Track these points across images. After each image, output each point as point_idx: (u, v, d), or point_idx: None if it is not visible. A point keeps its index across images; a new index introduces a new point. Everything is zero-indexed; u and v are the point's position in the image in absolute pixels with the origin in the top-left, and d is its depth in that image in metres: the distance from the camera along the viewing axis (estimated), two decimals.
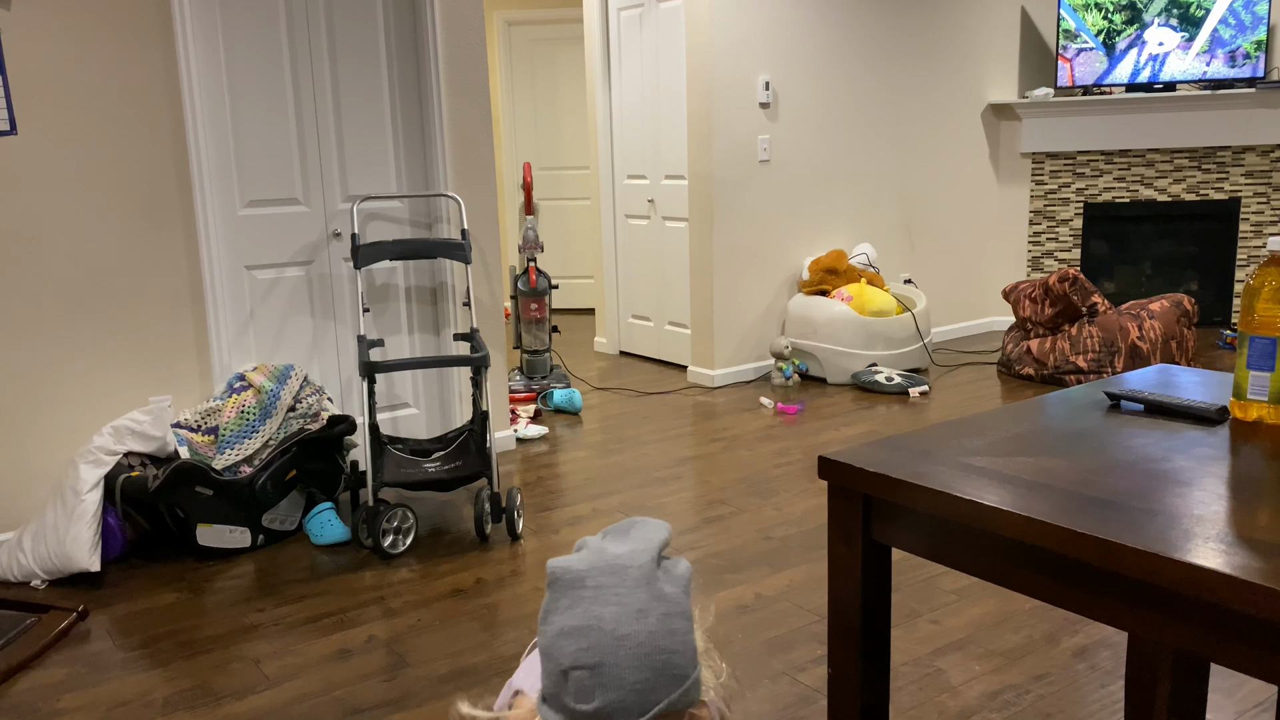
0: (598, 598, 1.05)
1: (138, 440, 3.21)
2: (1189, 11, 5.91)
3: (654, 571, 1.08)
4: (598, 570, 1.06)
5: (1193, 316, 5.11)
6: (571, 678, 1.03)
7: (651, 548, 1.09)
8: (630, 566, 1.07)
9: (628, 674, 1.02)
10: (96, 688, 2.49)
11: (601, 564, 1.07)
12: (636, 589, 1.05)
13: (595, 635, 1.03)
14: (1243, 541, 1.05)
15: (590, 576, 1.06)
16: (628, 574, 1.06)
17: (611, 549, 1.09)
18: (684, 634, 1.06)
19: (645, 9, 5.61)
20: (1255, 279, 1.43)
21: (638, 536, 1.11)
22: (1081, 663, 2.47)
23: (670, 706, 1.04)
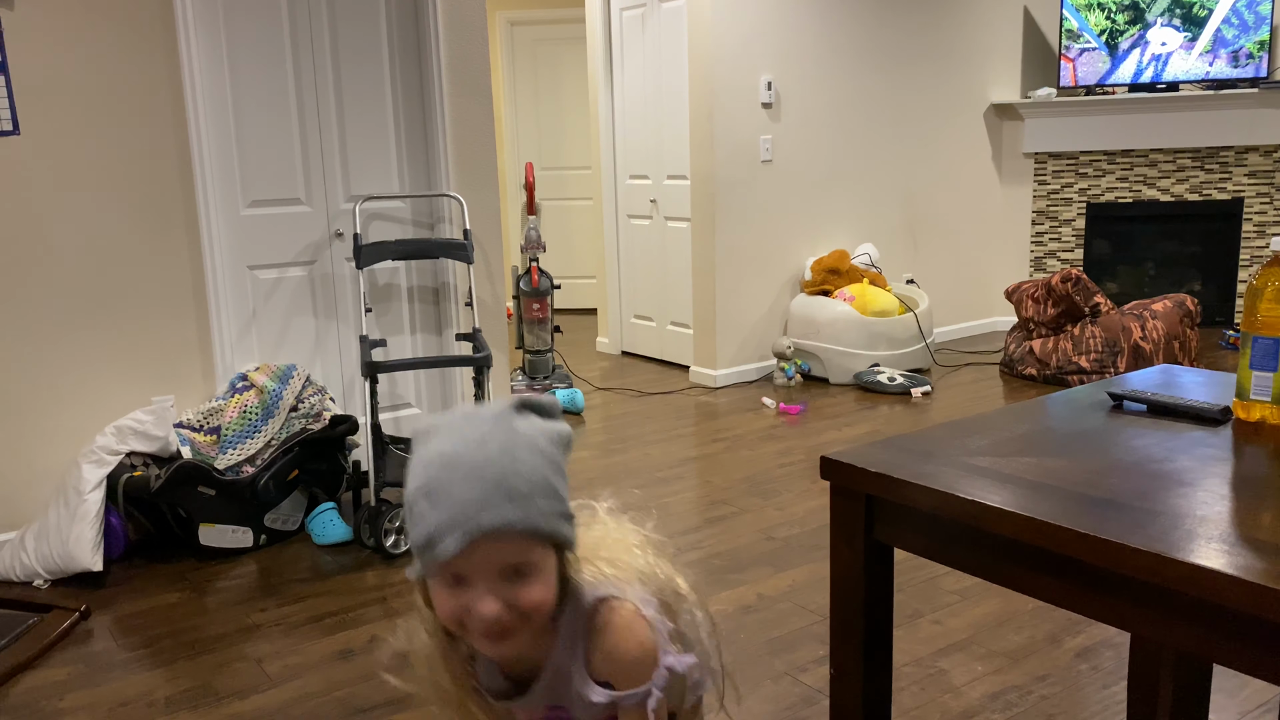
0: (446, 437, 1.04)
1: (140, 440, 3.21)
2: (1192, 11, 5.90)
3: (511, 415, 1.06)
4: (452, 418, 1.06)
5: (1195, 317, 5.11)
6: (413, 512, 1.02)
7: (516, 404, 1.07)
8: (485, 413, 1.05)
9: (457, 490, 1.00)
10: (99, 687, 2.49)
11: (458, 414, 1.06)
12: (483, 425, 1.04)
13: (433, 466, 1.02)
14: (1245, 542, 1.05)
15: (443, 424, 1.05)
16: (479, 416, 1.05)
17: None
18: (530, 463, 1.03)
19: (647, 9, 5.61)
20: (1258, 279, 1.43)
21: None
22: (1084, 663, 2.47)
23: (507, 527, 1.00)
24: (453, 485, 1.00)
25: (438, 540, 0.99)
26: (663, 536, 1.15)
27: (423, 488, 1.02)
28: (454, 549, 0.99)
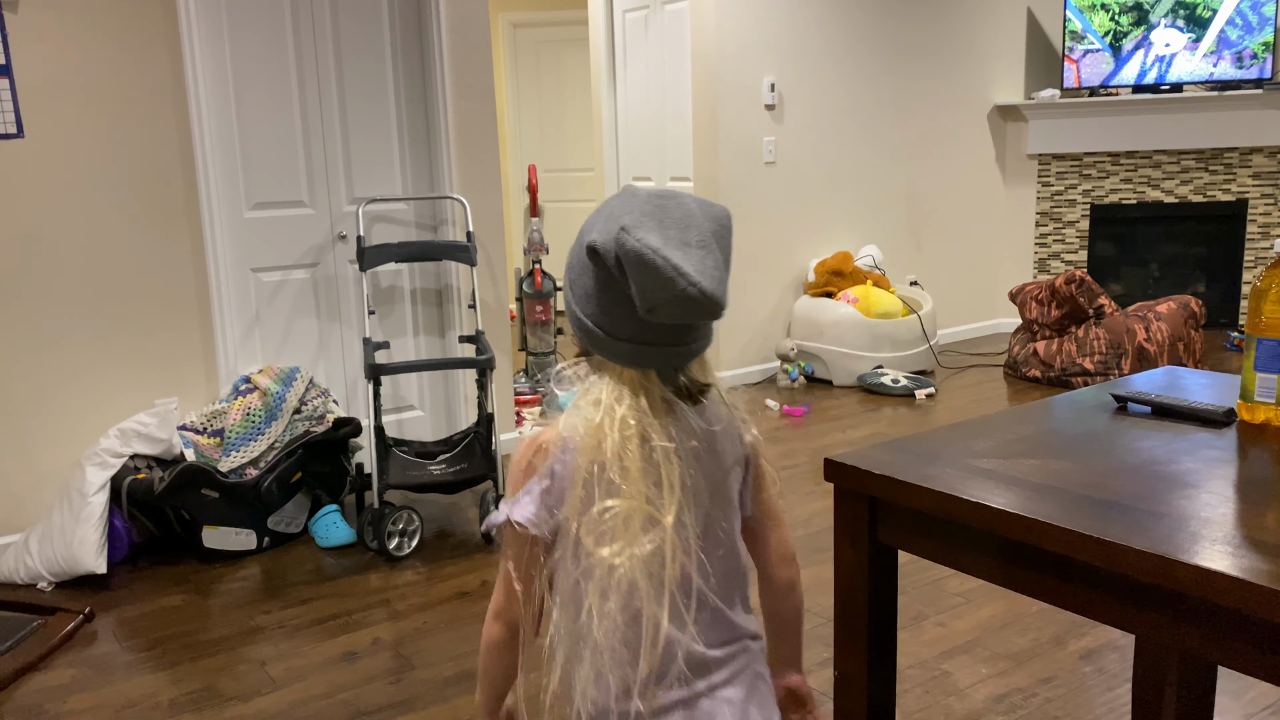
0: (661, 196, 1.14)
1: (144, 443, 3.22)
2: (1196, 12, 5.89)
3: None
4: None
5: (1200, 318, 5.10)
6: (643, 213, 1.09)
7: None
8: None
9: (692, 205, 1.12)
10: (103, 689, 2.49)
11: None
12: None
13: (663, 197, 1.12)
14: (1250, 544, 1.04)
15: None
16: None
17: None
18: (729, 223, 1.15)
19: (650, 11, 5.61)
20: (1263, 281, 1.42)
21: None
22: (1088, 665, 2.46)
23: (722, 245, 1.11)
24: (687, 202, 1.13)
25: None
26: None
27: (657, 204, 1.12)
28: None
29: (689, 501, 1.14)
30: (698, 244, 1.07)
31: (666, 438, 1.13)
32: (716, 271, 1.08)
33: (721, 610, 1.20)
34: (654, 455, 1.12)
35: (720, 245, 1.10)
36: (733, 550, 1.23)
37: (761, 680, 1.24)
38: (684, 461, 1.14)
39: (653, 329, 1.11)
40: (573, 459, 1.13)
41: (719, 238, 1.11)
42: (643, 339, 1.12)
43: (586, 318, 1.14)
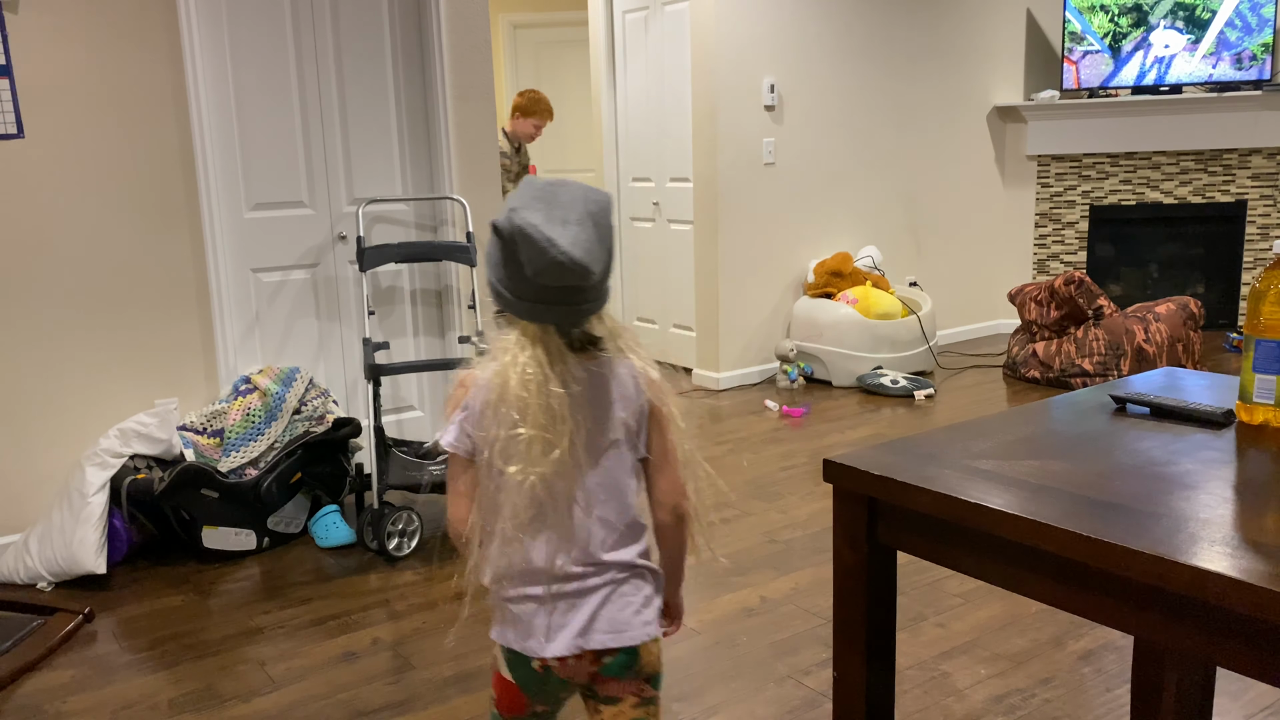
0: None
1: (144, 443, 3.22)
2: (1195, 14, 5.90)
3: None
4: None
5: (1199, 319, 5.10)
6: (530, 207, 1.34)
7: None
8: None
9: (576, 191, 1.36)
10: (102, 690, 2.50)
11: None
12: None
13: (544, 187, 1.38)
14: (1248, 545, 1.05)
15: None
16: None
17: None
18: (611, 206, 1.39)
19: (650, 12, 5.61)
20: (1261, 282, 1.42)
21: None
22: (1087, 666, 2.46)
23: (597, 223, 1.35)
24: (569, 189, 1.39)
25: None
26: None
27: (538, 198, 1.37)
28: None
29: (580, 434, 1.38)
30: (575, 221, 1.32)
31: (560, 381, 1.36)
32: (587, 244, 1.32)
33: (599, 531, 1.45)
34: (549, 394, 1.35)
35: (595, 223, 1.35)
36: (619, 481, 1.48)
37: (623, 597, 1.45)
38: (574, 400, 1.38)
39: (544, 290, 1.35)
40: (483, 395, 1.39)
41: (595, 217, 1.35)
42: (538, 299, 1.36)
43: (496, 283, 1.40)
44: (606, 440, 1.44)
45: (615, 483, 1.47)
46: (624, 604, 1.45)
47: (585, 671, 1.43)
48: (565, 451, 1.36)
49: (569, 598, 1.42)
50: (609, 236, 1.38)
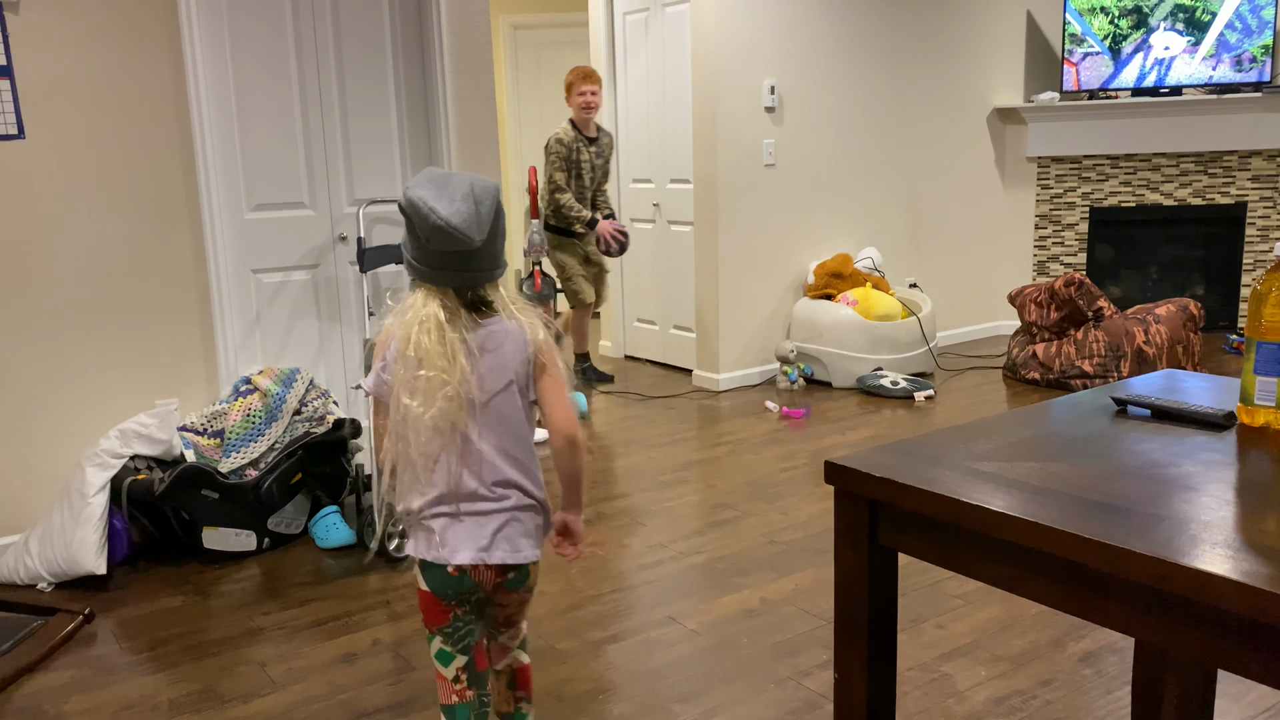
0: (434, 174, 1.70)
1: (144, 443, 3.22)
2: (1195, 16, 5.90)
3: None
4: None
5: (1199, 321, 5.10)
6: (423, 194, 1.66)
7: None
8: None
9: (465, 177, 1.67)
10: (102, 690, 2.50)
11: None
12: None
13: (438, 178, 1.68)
14: (1250, 547, 1.05)
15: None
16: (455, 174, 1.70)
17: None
18: (496, 192, 1.68)
19: (650, 13, 5.61)
20: (1262, 284, 1.43)
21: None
22: (1088, 668, 2.46)
23: (479, 201, 1.65)
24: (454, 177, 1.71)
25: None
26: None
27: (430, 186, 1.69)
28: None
29: (473, 376, 1.67)
30: (460, 199, 1.63)
31: (455, 332, 1.66)
32: (467, 215, 1.63)
33: (495, 460, 1.72)
34: (446, 342, 1.65)
35: (476, 201, 1.65)
36: (513, 418, 1.74)
37: (518, 522, 1.75)
38: (468, 348, 1.67)
39: (439, 256, 1.66)
40: (395, 343, 1.68)
41: (477, 198, 1.65)
42: (435, 265, 1.68)
43: (406, 253, 1.71)
44: (499, 384, 1.72)
45: (509, 419, 1.74)
46: (520, 530, 1.75)
47: (492, 581, 1.75)
48: (459, 390, 1.65)
49: (475, 516, 1.72)
50: (490, 214, 1.66)
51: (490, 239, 1.68)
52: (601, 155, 5.24)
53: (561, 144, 5.07)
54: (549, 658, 2.59)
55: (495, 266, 1.73)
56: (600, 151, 5.22)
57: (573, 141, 5.08)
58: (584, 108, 5.05)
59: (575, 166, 5.12)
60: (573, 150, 5.09)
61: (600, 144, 5.21)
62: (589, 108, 5.07)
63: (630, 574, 3.10)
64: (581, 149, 5.11)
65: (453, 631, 1.77)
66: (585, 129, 5.14)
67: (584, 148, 5.12)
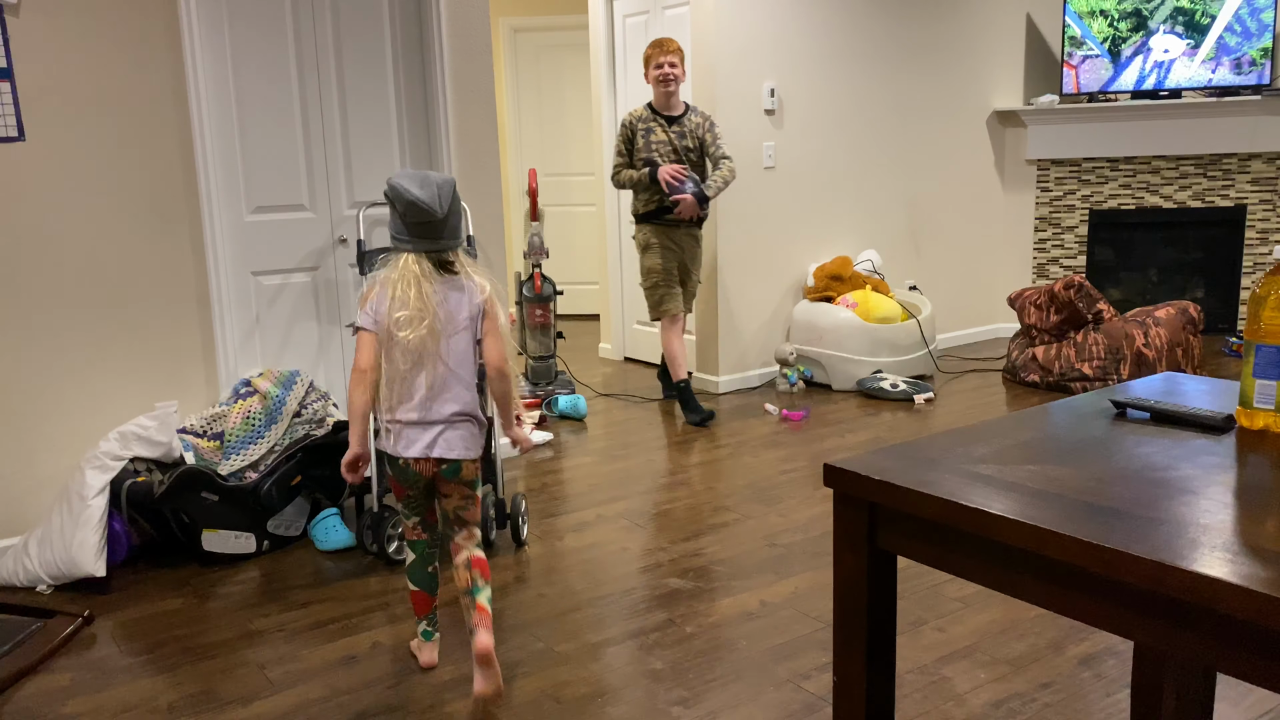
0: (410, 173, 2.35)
1: (144, 446, 3.22)
2: (1194, 19, 5.91)
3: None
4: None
5: (1198, 324, 5.11)
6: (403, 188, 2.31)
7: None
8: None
9: (436, 174, 2.35)
10: (101, 693, 2.49)
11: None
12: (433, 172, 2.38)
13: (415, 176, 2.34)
14: (1249, 551, 1.05)
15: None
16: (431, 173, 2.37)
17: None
18: (453, 184, 2.37)
19: (650, 15, 5.62)
20: (1261, 287, 1.43)
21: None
22: (1087, 671, 2.46)
23: (442, 190, 2.33)
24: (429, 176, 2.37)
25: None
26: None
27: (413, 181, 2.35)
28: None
29: (441, 318, 2.34)
30: (434, 184, 2.32)
31: (429, 285, 2.33)
32: (431, 195, 2.30)
33: (453, 383, 2.38)
34: (420, 291, 2.31)
35: (440, 187, 2.32)
36: (465, 352, 2.40)
37: (454, 429, 2.39)
38: (436, 296, 2.34)
39: (413, 228, 2.32)
40: (382, 290, 2.34)
41: (440, 185, 2.32)
42: (411, 235, 2.33)
43: (391, 231, 2.36)
44: (457, 325, 2.37)
45: (463, 352, 2.39)
46: (456, 436, 2.40)
47: (430, 470, 2.40)
48: (430, 326, 2.31)
49: (427, 424, 2.37)
50: (449, 196, 2.34)
51: (449, 214, 2.33)
52: (687, 137, 4.53)
53: (624, 124, 4.56)
54: (547, 660, 2.59)
55: (456, 237, 2.39)
56: (686, 132, 4.52)
57: (637, 121, 4.53)
58: (660, 81, 4.45)
59: (646, 150, 4.51)
60: (636, 130, 4.53)
61: (686, 124, 4.53)
62: (666, 80, 4.44)
63: (629, 576, 3.10)
64: (655, 129, 4.50)
65: (410, 501, 2.48)
66: (663, 106, 4.52)
67: (659, 127, 4.50)
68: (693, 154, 4.55)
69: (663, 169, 4.43)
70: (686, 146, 4.53)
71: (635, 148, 4.53)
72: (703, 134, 4.55)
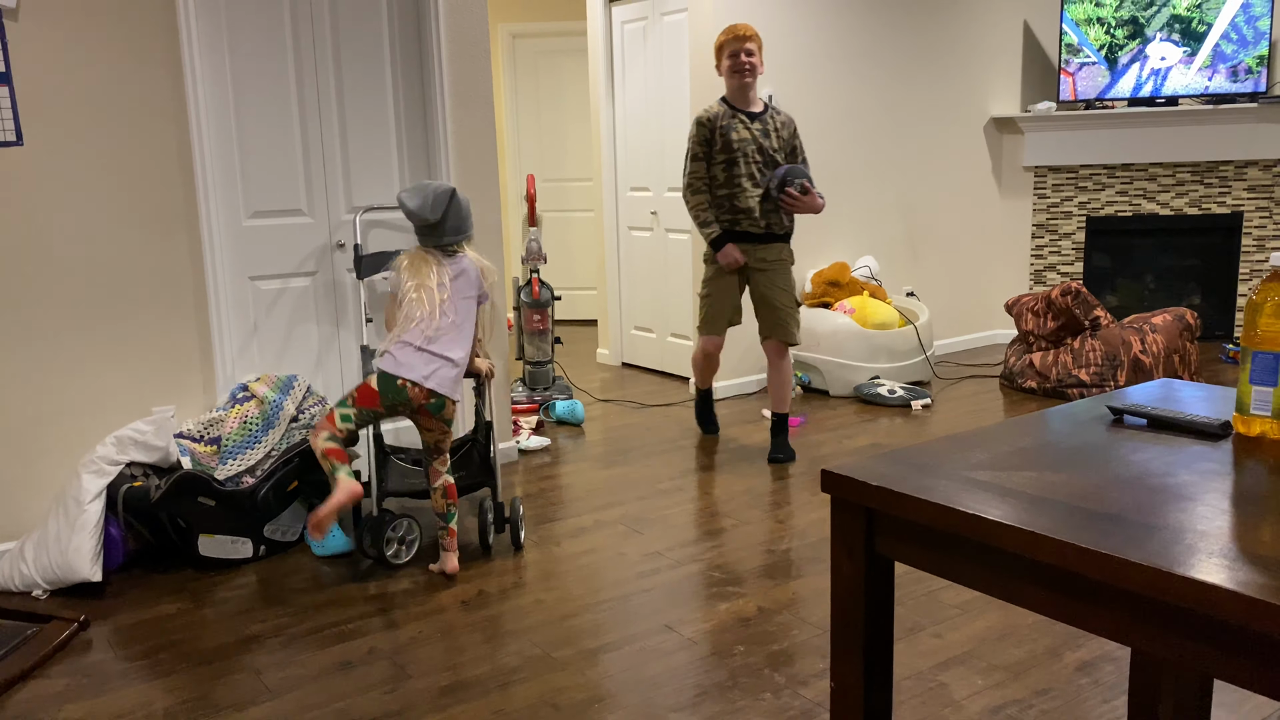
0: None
1: (140, 450, 3.21)
2: (1191, 27, 5.92)
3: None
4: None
5: (1195, 330, 5.12)
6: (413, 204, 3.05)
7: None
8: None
9: (434, 184, 3.09)
10: (97, 698, 2.49)
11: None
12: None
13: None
14: (1246, 557, 1.05)
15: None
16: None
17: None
18: (446, 192, 3.06)
19: (649, 21, 5.63)
20: (1258, 294, 1.43)
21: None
22: (1084, 677, 2.46)
23: (437, 198, 3.03)
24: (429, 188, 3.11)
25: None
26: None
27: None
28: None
29: (445, 291, 3.02)
30: (429, 195, 3.02)
31: (438, 268, 3.03)
32: (428, 205, 3.01)
33: (449, 333, 3.01)
34: (430, 270, 3.01)
35: (435, 198, 3.01)
36: (468, 315, 3.08)
37: (446, 371, 3.01)
38: (443, 276, 3.03)
39: (421, 229, 3.06)
40: (403, 272, 3.02)
41: (436, 195, 3.01)
42: (422, 234, 3.07)
43: (415, 231, 3.11)
44: (461, 292, 3.06)
45: (466, 315, 3.08)
46: (445, 375, 3.01)
47: (420, 398, 2.97)
48: (436, 293, 2.99)
49: (426, 355, 2.97)
50: (441, 204, 3.02)
51: (445, 217, 3.02)
52: (772, 135, 4.00)
53: (699, 123, 3.98)
54: (544, 666, 2.59)
55: (458, 234, 3.08)
56: (769, 130, 4.00)
57: (716, 118, 3.98)
58: (735, 72, 3.92)
59: (727, 151, 3.96)
60: (716, 129, 3.97)
61: (769, 120, 4.01)
62: (742, 71, 3.91)
63: (627, 582, 3.10)
64: (737, 127, 3.95)
65: (365, 415, 3.00)
66: (740, 101, 3.99)
67: (739, 125, 3.96)
68: (778, 155, 4.03)
69: (786, 197, 3.96)
70: (772, 146, 4.00)
71: (714, 149, 3.99)
72: (789, 135, 4.09)
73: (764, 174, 4.02)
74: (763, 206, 4.05)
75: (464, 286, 3.05)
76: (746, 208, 4.03)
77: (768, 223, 4.09)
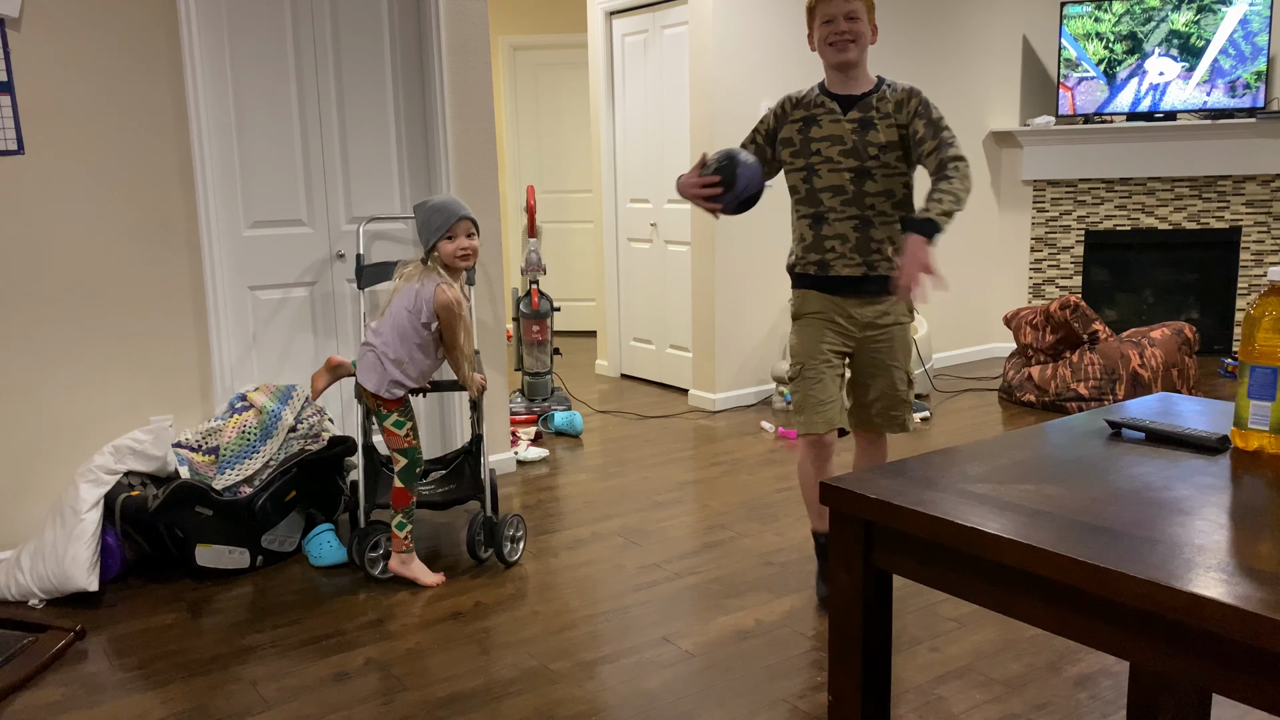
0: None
1: (138, 460, 3.21)
2: (1189, 42, 5.95)
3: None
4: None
5: (1194, 344, 5.12)
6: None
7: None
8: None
9: (447, 195, 3.45)
10: (93, 708, 2.48)
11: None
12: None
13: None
14: (1244, 571, 1.05)
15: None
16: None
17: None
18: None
19: (649, 34, 5.65)
20: (1256, 309, 1.43)
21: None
22: (1083, 691, 2.46)
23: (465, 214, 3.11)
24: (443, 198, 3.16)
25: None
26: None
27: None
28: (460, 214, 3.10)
29: (400, 297, 3.13)
30: (449, 201, 3.09)
31: (404, 280, 3.12)
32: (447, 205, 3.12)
33: (380, 326, 3.10)
34: (400, 284, 3.14)
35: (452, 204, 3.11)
36: (403, 325, 3.07)
37: (367, 366, 3.10)
38: (403, 285, 3.14)
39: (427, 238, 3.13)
40: (403, 273, 3.17)
41: (453, 203, 3.11)
42: (426, 245, 3.11)
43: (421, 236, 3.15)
44: (407, 307, 3.08)
45: (408, 322, 3.08)
46: (366, 360, 3.10)
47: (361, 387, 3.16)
48: (394, 297, 3.13)
49: (364, 346, 3.12)
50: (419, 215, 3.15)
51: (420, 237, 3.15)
52: (876, 128, 2.76)
53: (772, 109, 2.91)
54: (541, 678, 2.58)
55: (423, 244, 3.11)
56: (873, 121, 2.77)
57: (792, 105, 2.86)
58: (829, 44, 2.76)
59: (795, 148, 2.82)
60: (786, 118, 2.86)
61: (875, 108, 2.79)
62: (840, 42, 2.75)
63: (624, 594, 3.09)
64: (821, 118, 2.79)
65: (406, 411, 3.17)
66: (838, 84, 2.82)
67: (826, 116, 2.79)
68: (885, 155, 2.77)
69: (681, 182, 2.75)
70: (871, 144, 2.76)
71: (777, 142, 2.88)
72: (908, 122, 2.79)
73: (858, 186, 2.77)
74: (863, 235, 2.79)
75: (408, 298, 3.05)
76: (837, 235, 2.80)
77: (866, 261, 2.80)
